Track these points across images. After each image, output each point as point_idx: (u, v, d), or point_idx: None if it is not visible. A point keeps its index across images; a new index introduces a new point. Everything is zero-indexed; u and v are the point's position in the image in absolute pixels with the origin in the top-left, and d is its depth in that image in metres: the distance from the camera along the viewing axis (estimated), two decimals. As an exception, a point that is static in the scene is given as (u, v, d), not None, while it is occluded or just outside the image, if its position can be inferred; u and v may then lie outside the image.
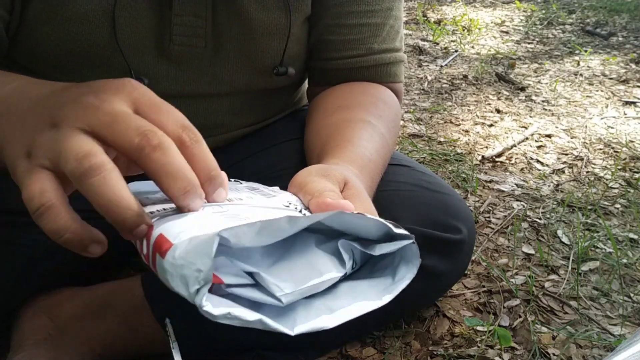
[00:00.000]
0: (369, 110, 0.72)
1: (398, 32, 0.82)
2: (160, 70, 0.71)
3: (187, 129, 0.39)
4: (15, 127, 0.41)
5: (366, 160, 0.62)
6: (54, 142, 0.37)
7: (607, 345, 0.83)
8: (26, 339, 0.72)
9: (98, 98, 0.38)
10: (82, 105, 0.37)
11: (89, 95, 0.38)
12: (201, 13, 0.69)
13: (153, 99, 0.40)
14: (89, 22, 0.65)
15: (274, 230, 0.33)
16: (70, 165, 0.35)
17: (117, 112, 0.37)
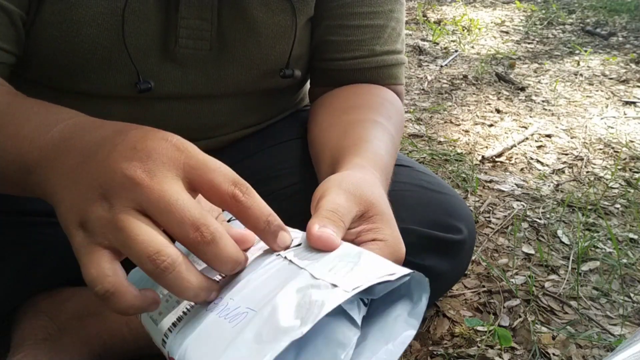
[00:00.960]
0: (379, 111, 0.73)
1: (400, 35, 0.82)
2: (165, 72, 0.71)
3: (238, 184, 0.40)
4: (66, 184, 0.42)
5: (384, 162, 0.62)
6: (111, 225, 0.38)
7: (607, 345, 0.83)
8: (26, 339, 0.72)
9: (147, 172, 0.38)
10: (132, 182, 0.38)
11: (137, 166, 0.38)
12: (207, 16, 0.70)
13: (201, 160, 0.40)
14: (98, 25, 0.65)
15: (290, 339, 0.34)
16: (144, 264, 0.38)
17: (170, 197, 0.38)
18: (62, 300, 0.76)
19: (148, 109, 0.73)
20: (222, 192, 0.40)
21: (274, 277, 0.40)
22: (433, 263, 0.75)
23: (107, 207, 0.39)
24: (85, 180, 0.41)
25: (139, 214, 0.38)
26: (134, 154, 0.39)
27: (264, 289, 0.39)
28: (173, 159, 0.39)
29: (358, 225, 0.47)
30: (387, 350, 0.38)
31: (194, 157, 0.40)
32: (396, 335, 0.39)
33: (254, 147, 0.84)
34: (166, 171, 0.39)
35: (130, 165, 0.39)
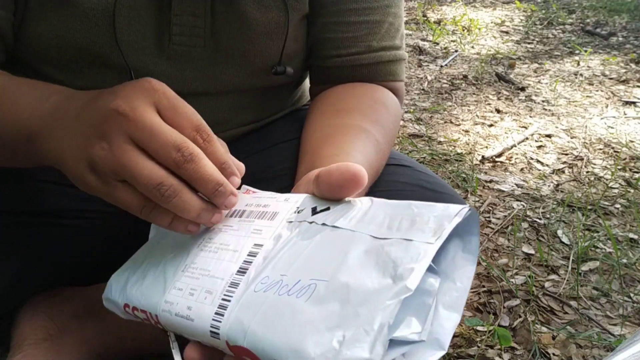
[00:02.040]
0: (366, 115, 0.72)
1: (398, 30, 0.82)
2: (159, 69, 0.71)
3: (200, 130, 0.47)
4: (66, 140, 0.49)
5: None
6: (115, 163, 0.45)
7: (607, 345, 0.83)
8: (26, 339, 0.72)
9: (128, 105, 0.45)
10: (119, 116, 0.45)
11: (118, 102, 0.45)
12: (200, 13, 0.70)
13: (170, 100, 0.47)
14: (89, 20, 0.65)
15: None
16: (150, 192, 0.44)
17: (152, 125, 0.44)
18: (62, 300, 0.76)
19: None
20: (184, 135, 0.45)
21: (324, 244, 0.41)
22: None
23: (107, 146, 0.45)
24: (81, 129, 0.47)
25: (134, 146, 0.44)
26: (116, 96, 0.46)
27: (319, 258, 0.39)
28: (148, 95, 0.46)
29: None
30: (457, 288, 0.40)
31: (164, 98, 0.46)
32: (460, 273, 0.41)
33: (253, 148, 0.84)
34: (144, 106, 0.45)
35: (114, 102, 0.45)
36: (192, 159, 0.45)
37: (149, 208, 0.46)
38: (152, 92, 0.46)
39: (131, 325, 0.73)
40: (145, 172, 0.44)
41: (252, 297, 0.39)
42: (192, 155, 0.45)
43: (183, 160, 0.44)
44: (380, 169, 0.72)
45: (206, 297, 0.42)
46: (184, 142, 0.44)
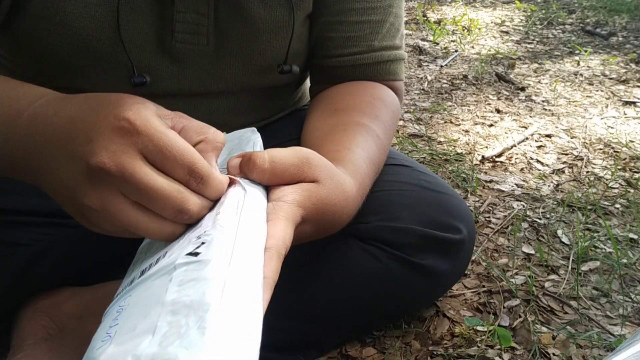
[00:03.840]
0: (365, 111, 0.72)
1: (398, 30, 0.82)
2: (162, 67, 0.71)
3: (193, 173, 0.44)
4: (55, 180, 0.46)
5: (362, 172, 0.63)
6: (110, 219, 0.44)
7: (607, 345, 0.83)
8: (26, 339, 0.72)
9: (113, 162, 0.42)
10: (106, 174, 0.42)
11: (102, 159, 0.42)
12: (203, 10, 0.69)
13: (156, 142, 0.43)
14: (91, 17, 0.64)
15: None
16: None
17: (145, 184, 0.42)
18: (62, 300, 0.76)
19: None
20: (177, 179, 0.44)
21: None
22: (433, 263, 0.75)
23: (99, 203, 0.43)
24: (67, 171, 0.44)
25: (130, 203, 0.43)
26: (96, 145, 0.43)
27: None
28: (132, 143, 0.42)
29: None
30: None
31: (149, 141, 0.43)
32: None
33: (254, 147, 0.84)
34: (131, 159, 0.42)
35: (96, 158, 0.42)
36: (191, 216, 0.44)
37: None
38: (135, 136, 0.42)
39: (131, 325, 0.73)
40: (152, 229, 0.44)
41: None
42: (192, 216, 0.44)
43: (183, 219, 0.44)
44: (381, 164, 0.72)
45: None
46: (182, 202, 0.43)
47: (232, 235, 0.41)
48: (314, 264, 0.75)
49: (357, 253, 0.74)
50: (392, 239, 0.73)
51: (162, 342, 0.33)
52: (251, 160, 0.49)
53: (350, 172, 0.60)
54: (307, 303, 0.74)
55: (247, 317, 0.36)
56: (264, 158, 0.49)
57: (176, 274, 0.38)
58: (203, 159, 0.45)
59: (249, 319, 0.36)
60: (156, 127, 0.43)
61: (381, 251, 0.74)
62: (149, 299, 0.37)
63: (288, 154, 0.50)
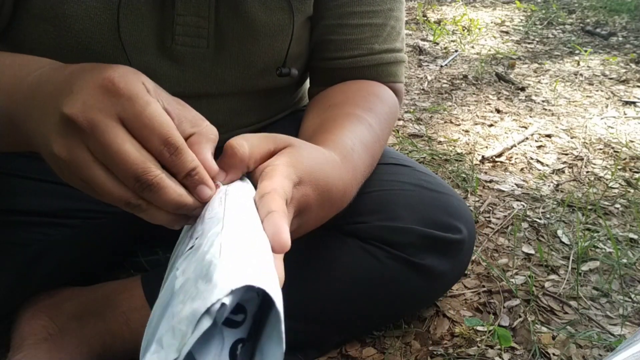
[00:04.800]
0: (358, 104, 0.72)
1: (399, 33, 0.82)
2: (162, 70, 0.71)
3: (167, 143, 0.44)
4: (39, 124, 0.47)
5: (349, 149, 0.62)
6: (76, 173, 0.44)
7: (607, 345, 0.83)
8: (26, 339, 0.72)
9: (86, 118, 0.42)
10: (77, 127, 0.42)
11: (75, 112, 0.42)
12: (204, 13, 0.69)
13: (136, 108, 0.43)
14: (91, 20, 0.64)
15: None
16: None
17: (110, 147, 0.42)
18: (62, 300, 0.76)
19: None
20: (151, 151, 0.44)
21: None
22: (433, 262, 0.75)
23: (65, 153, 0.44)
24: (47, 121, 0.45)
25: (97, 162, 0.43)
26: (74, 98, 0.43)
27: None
28: (111, 104, 0.43)
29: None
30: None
31: (129, 106, 0.43)
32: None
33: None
34: (106, 118, 0.42)
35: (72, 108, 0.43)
36: (150, 188, 0.44)
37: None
38: (116, 98, 0.43)
39: (131, 325, 0.73)
40: (108, 190, 0.44)
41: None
42: (151, 186, 0.43)
43: (142, 189, 0.44)
44: (377, 153, 0.71)
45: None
46: (143, 172, 0.43)
47: (220, 216, 0.41)
48: (314, 263, 0.75)
49: (357, 253, 0.74)
50: (392, 238, 0.73)
51: (180, 313, 0.33)
52: (229, 148, 0.49)
53: (331, 147, 0.60)
54: (307, 303, 0.74)
55: (251, 258, 0.36)
56: (240, 142, 0.49)
57: (179, 272, 0.39)
58: (179, 134, 0.45)
59: (254, 259, 0.36)
60: (139, 94, 0.43)
61: (381, 251, 0.74)
62: (162, 310, 0.37)
63: (258, 135, 0.51)
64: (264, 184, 0.46)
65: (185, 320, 0.32)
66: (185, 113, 0.48)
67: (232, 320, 0.37)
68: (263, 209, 0.43)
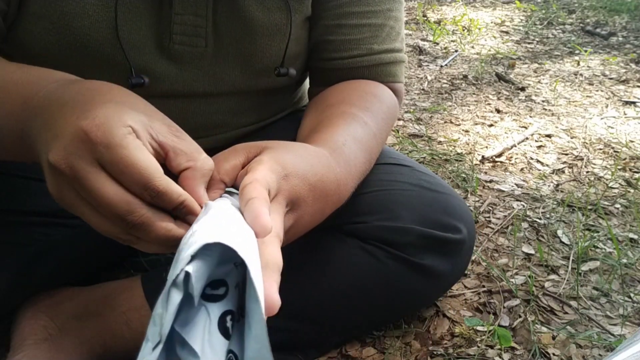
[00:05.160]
0: (354, 103, 0.72)
1: (399, 33, 0.82)
2: (160, 69, 0.71)
3: (148, 189, 0.43)
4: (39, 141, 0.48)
5: (339, 144, 0.62)
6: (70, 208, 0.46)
7: (607, 345, 0.83)
8: (26, 339, 0.72)
9: (67, 164, 0.43)
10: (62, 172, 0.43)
11: (57, 159, 0.43)
12: (202, 12, 0.69)
13: (113, 154, 0.43)
14: (89, 17, 0.64)
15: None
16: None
17: (92, 190, 0.43)
18: (62, 300, 0.76)
19: None
20: (132, 192, 0.44)
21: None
22: (433, 262, 0.75)
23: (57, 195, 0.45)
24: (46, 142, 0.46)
25: (84, 201, 0.44)
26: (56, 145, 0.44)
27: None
28: (89, 151, 0.43)
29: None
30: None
31: (106, 152, 0.43)
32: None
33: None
34: (85, 164, 0.43)
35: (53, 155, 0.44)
36: (137, 227, 0.44)
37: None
38: (92, 145, 0.43)
39: (131, 325, 0.73)
40: (100, 227, 0.45)
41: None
42: (137, 225, 0.44)
43: (129, 227, 0.44)
44: (374, 150, 0.71)
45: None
46: (127, 213, 0.43)
47: (201, 222, 0.42)
48: (314, 263, 0.75)
49: (357, 253, 0.74)
50: (392, 238, 0.73)
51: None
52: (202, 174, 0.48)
53: (320, 144, 0.60)
54: (307, 303, 0.74)
55: (224, 232, 0.36)
56: (208, 163, 0.49)
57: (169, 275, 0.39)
58: (162, 176, 0.44)
59: (227, 233, 0.36)
60: (115, 141, 0.43)
61: (381, 251, 0.74)
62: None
63: (226, 151, 0.52)
64: (246, 177, 0.47)
65: (159, 304, 0.33)
66: (182, 145, 0.47)
67: (214, 295, 0.37)
68: (243, 198, 0.44)
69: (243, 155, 0.51)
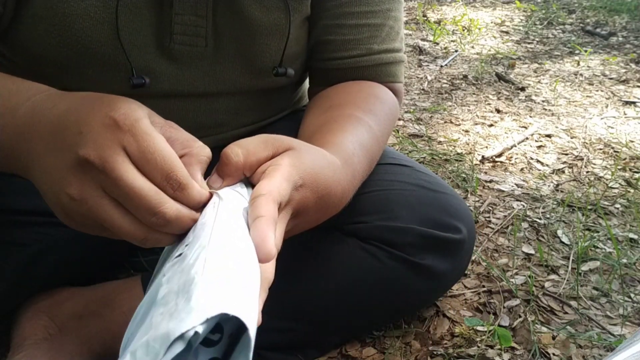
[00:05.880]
0: (358, 105, 0.73)
1: (398, 33, 0.82)
2: (161, 69, 0.71)
3: (169, 179, 0.44)
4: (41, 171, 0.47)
5: (350, 154, 0.62)
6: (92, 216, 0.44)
7: (607, 345, 0.83)
8: (26, 339, 0.72)
9: (98, 155, 0.43)
10: (90, 167, 0.43)
11: (88, 151, 0.43)
12: (202, 12, 0.70)
13: (140, 142, 0.43)
14: (90, 19, 0.65)
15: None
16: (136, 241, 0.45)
17: (124, 182, 0.42)
18: (62, 300, 0.76)
19: None
20: (155, 183, 0.44)
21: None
22: (433, 262, 0.75)
23: (80, 197, 0.44)
24: (54, 162, 0.45)
25: (110, 200, 0.44)
26: (84, 138, 0.43)
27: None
28: (116, 139, 0.43)
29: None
30: None
31: (133, 140, 0.43)
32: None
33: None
34: (115, 154, 0.43)
35: (83, 150, 0.43)
36: (168, 222, 0.44)
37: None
38: (120, 133, 0.43)
39: (131, 325, 0.73)
40: (125, 229, 0.44)
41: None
42: (169, 220, 0.44)
43: (158, 224, 0.44)
44: (375, 154, 0.71)
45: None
46: (157, 204, 0.43)
47: (210, 226, 0.41)
48: (314, 263, 0.75)
49: (357, 253, 0.74)
50: (392, 238, 0.73)
51: (155, 327, 0.33)
52: (225, 157, 0.48)
53: (333, 150, 0.60)
54: (307, 303, 0.74)
55: (234, 279, 0.36)
56: (235, 151, 0.49)
57: (165, 278, 0.38)
58: (183, 168, 0.44)
59: (236, 281, 0.36)
60: (143, 129, 0.43)
61: (381, 251, 0.74)
62: (146, 311, 0.37)
63: (254, 139, 0.51)
64: (262, 184, 0.46)
65: (160, 340, 0.32)
66: (178, 135, 0.48)
67: (209, 339, 0.37)
68: (252, 213, 0.43)
69: (270, 151, 0.51)
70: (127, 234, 0.44)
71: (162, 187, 0.44)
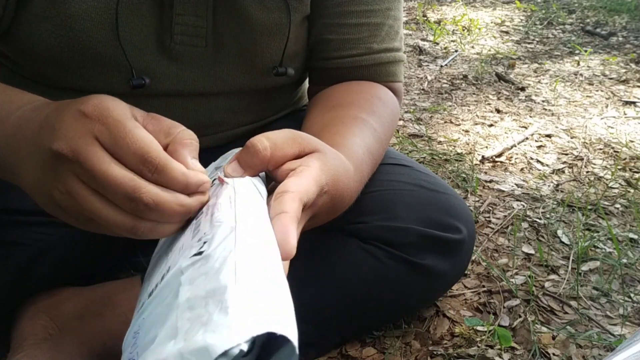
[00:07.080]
0: (362, 107, 0.73)
1: (398, 32, 0.82)
2: (161, 69, 0.71)
3: (146, 162, 0.42)
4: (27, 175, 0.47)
5: (360, 160, 0.62)
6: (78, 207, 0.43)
7: (607, 345, 0.83)
8: (26, 339, 0.72)
9: (69, 147, 0.42)
10: (64, 160, 0.43)
11: (60, 145, 0.43)
12: (202, 13, 0.70)
13: (111, 130, 0.42)
14: (91, 19, 0.65)
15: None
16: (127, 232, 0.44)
17: (98, 171, 0.42)
18: (62, 300, 0.76)
19: (144, 107, 0.73)
20: (131, 169, 0.43)
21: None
22: (433, 262, 0.75)
23: (64, 191, 0.43)
24: (36, 164, 0.45)
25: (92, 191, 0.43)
26: (55, 134, 0.43)
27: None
28: (87, 130, 0.42)
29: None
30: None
31: (104, 128, 0.42)
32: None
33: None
34: (86, 144, 0.42)
35: (55, 143, 0.43)
36: (147, 207, 0.42)
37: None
38: (90, 123, 0.42)
39: (131, 325, 0.73)
40: (111, 219, 0.43)
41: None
42: (147, 205, 0.42)
43: (138, 210, 0.43)
44: (379, 157, 0.72)
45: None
46: (133, 190, 0.42)
47: (231, 224, 0.40)
48: (314, 263, 0.75)
49: (357, 253, 0.74)
50: (392, 238, 0.73)
51: (187, 337, 0.32)
52: (251, 146, 0.47)
53: (346, 155, 0.59)
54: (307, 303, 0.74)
55: (268, 288, 0.34)
56: (264, 143, 0.48)
57: (185, 277, 0.37)
58: (159, 150, 0.43)
59: (271, 290, 0.34)
60: (113, 116, 0.43)
61: (381, 251, 0.74)
62: (164, 309, 0.36)
63: (282, 133, 0.50)
64: (291, 180, 0.45)
65: (197, 354, 0.31)
66: (160, 125, 0.46)
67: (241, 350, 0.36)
68: (277, 207, 0.43)
69: (297, 149, 0.50)
70: (114, 225, 0.43)
71: (140, 172, 0.42)
